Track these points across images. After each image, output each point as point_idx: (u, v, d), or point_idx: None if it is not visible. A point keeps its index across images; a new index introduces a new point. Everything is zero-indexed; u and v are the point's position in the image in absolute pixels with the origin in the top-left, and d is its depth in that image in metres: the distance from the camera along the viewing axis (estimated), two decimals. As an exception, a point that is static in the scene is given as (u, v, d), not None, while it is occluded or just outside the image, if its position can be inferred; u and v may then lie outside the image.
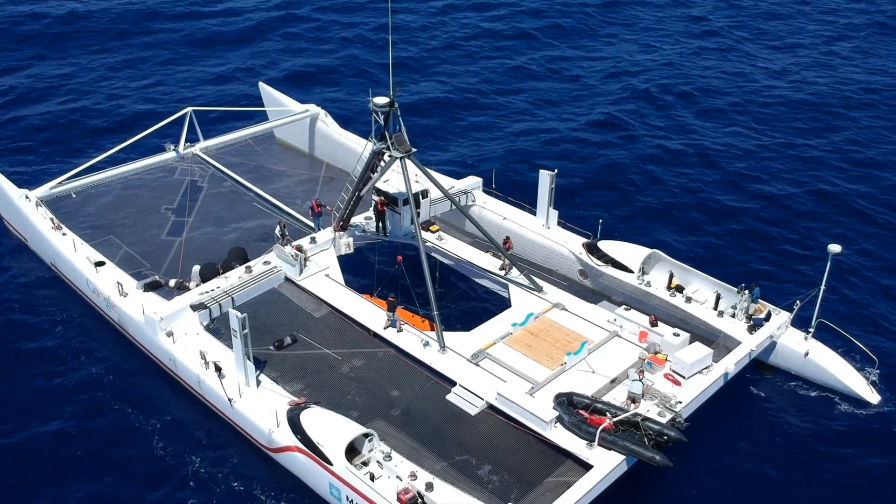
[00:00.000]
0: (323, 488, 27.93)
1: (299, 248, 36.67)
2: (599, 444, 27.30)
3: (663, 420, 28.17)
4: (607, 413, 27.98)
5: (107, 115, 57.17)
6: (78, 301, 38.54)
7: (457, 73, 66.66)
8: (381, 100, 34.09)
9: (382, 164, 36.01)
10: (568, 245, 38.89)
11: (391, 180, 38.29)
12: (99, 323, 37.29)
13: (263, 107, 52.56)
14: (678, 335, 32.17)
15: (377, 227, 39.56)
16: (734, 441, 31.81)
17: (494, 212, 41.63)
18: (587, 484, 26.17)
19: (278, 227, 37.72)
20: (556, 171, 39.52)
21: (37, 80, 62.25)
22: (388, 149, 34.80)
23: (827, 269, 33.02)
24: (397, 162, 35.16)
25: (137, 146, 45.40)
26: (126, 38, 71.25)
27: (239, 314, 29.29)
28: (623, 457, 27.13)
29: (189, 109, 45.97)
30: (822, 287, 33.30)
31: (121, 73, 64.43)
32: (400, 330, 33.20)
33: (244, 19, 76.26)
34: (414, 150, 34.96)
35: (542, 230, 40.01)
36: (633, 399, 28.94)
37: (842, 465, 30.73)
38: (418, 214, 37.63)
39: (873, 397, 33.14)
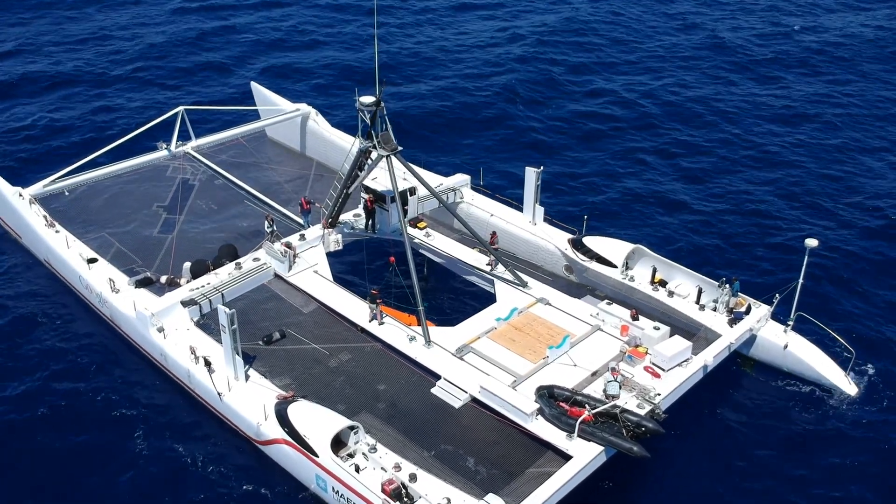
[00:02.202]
0: (309, 480, 28.56)
1: (288, 245, 37.26)
2: (579, 436, 27.96)
3: (642, 412, 28.86)
4: (586, 405, 28.62)
5: (99, 111, 57.89)
6: (71, 297, 39.14)
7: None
8: (368, 99, 34.67)
9: (369, 161, 36.58)
10: (554, 241, 39.49)
11: (379, 178, 38.88)
12: (91, 318, 37.88)
13: (255, 106, 53.12)
14: (658, 328, 32.84)
15: (367, 224, 40.15)
16: (713, 432, 32.48)
17: (482, 209, 42.20)
18: (566, 474, 26.84)
19: (266, 222, 38.38)
20: (541, 168, 40.11)
21: (29, 77, 62.87)
22: (374, 147, 35.37)
23: (804, 263, 33.63)
24: (386, 160, 35.70)
25: (129, 145, 45.96)
26: (116, 30, 72.10)
27: (227, 310, 29.87)
28: (602, 448, 27.80)
29: (181, 108, 46.56)
30: (800, 280, 33.92)
31: (112, 68, 65.09)
32: (381, 322, 33.86)
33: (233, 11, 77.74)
34: (400, 148, 35.55)
35: (528, 226, 40.61)
36: (611, 398, 29.56)
37: (820, 455, 31.36)
38: (405, 212, 38.26)
39: (851, 388, 33.79)
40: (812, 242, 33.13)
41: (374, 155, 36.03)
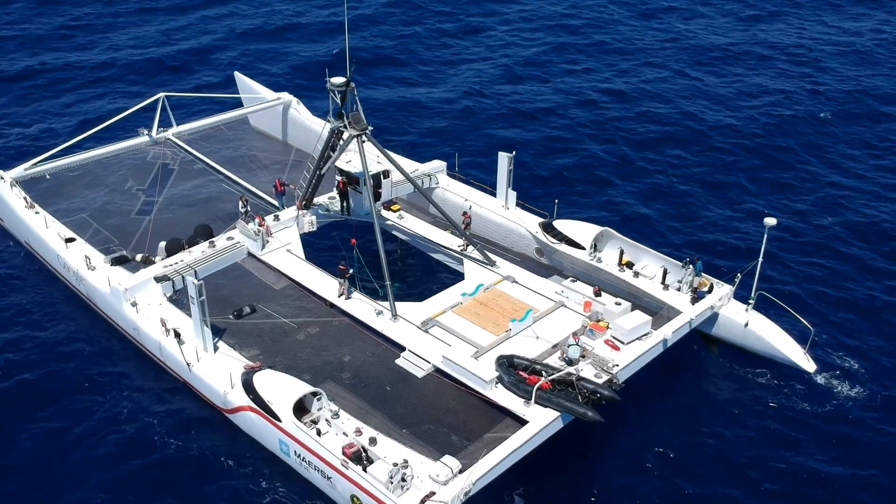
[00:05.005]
0: (273, 445, 29.24)
1: (262, 220, 37.98)
2: (536, 402, 28.64)
3: (600, 381, 29.54)
4: (544, 373, 29.31)
5: (82, 98, 58.87)
6: (49, 277, 39.86)
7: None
8: (338, 80, 35.50)
9: (341, 142, 37.33)
10: (525, 224, 40.21)
11: (353, 161, 39.63)
12: (68, 296, 38.59)
13: (238, 94, 53.87)
14: (620, 304, 33.58)
15: (342, 206, 40.82)
16: (675, 406, 33.21)
17: (457, 194, 42.95)
18: (521, 438, 27.54)
19: (241, 203, 39.09)
20: (514, 153, 40.84)
21: (8, 61, 64.03)
22: (345, 127, 36.12)
23: (764, 242, 34.39)
24: (357, 139, 36.42)
25: (111, 131, 46.78)
26: (96, 16, 73.39)
27: (196, 281, 30.53)
28: (558, 413, 28.47)
29: (161, 95, 47.35)
30: (760, 260, 34.64)
31: (96, 54, 66.23)
32: (348, 297, 34.56)
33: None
34: (370, 128, 36.34)
35: (501, 211, 41.33)
36: (570, 363, 30.29)
37: (779, 430, 32.01)
38: (379, 195, 39.03)
39: (809, 366, 34.40)
40: (771, 221, 33.85)
41: (345, 135, 36.76)
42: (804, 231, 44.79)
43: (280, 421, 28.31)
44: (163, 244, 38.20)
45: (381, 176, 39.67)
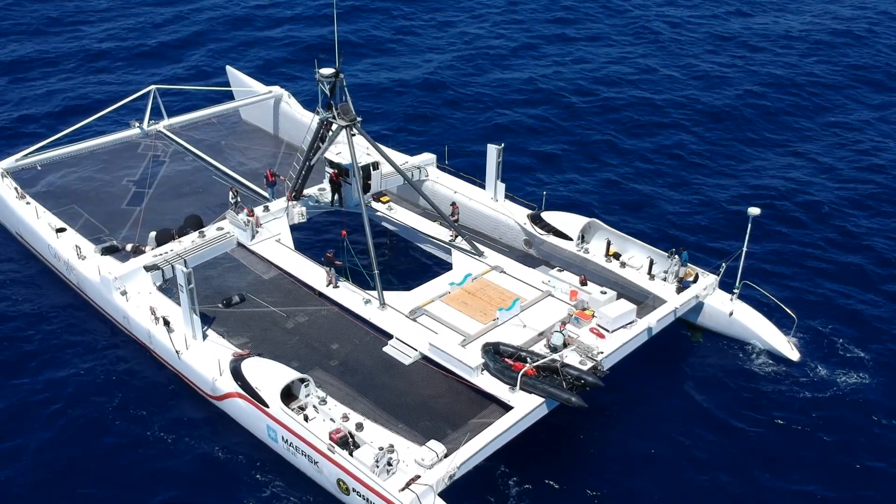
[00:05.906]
0: (261, 431, 29.50)
1: (251, 211, 38.22)
2: (521, 388, 28.99)
3: (584, 367, 29.88)
4: (528, 359, 29.65)
5: (72, 89, 59.01)
6: (40, 267, 40.05)
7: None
8: (327, 70, 35.75)
9: (330, 133, 37.57)
10: (514, 216, 40.52)
11: (344, 153, 39.86)
12: (58, 286, 38.79)
13: (229, 88, 54.07)
14: (605, 293, 33.95)
15: (332, 198, 41.05)
16: (658, 393, 33.55)
17: (446, 186, 43.23)
18: (506, 423, 27.89)
19: (231, 194, 39.34)
20: (502, 145, 41.13)
21: (3, 55, 64.08)
22: (333, 118, 36.37)
23: (748, 232, 34.74)
24: (346, 130, 36.68)
25: (102, 124, 46.98)
26: (88, 8, 73.66)
27: (185, 269, 30.77)
28: (543, 399, 28.81)
29: (153, 87, 47.49)
30: (744, 249, 35.04)
31: (88, 46, 66.37)
32: (336, 286, 34.85)
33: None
34: (359, 119, 36.59)
35: (490, 203, 41.64)
36: (553, 350, 30.66)
37: (762, 418, 32.32)
38: (368, 186, 39.27)
39: (793, 354, 34.90)
40: (754, 211, 34.25)
41: (334, 126, 37.01)
42: (788, 221, 45.14)
43: (268, 407, 28.58)
44: (153, 234, 38.42)
45: (371, 167, 39.92)
